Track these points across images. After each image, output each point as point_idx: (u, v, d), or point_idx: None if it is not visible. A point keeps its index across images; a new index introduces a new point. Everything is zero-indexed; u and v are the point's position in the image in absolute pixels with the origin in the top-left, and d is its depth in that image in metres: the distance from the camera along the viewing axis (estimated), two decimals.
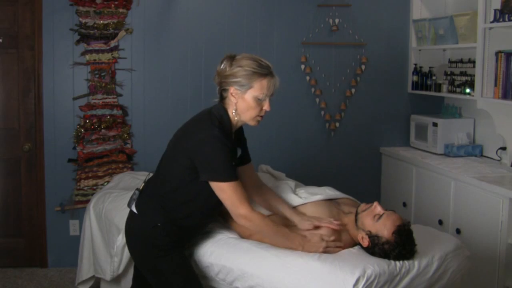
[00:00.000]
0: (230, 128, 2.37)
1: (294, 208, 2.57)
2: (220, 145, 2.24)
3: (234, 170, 2.30)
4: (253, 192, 2.57)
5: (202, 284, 2.43)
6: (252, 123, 2.37)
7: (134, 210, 2.44)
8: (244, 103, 2.31)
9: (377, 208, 2.36)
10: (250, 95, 2.30)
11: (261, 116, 2.35)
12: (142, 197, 2.46)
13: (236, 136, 2.47)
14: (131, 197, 2.48)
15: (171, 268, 2.38)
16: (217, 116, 2.33)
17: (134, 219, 2.46)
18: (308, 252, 2.31)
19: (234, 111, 2.35)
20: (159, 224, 2.37)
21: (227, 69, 2.33)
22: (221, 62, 2.36)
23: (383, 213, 2.33)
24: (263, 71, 2.32)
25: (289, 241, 2.36)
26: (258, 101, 2.31)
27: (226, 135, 2.29)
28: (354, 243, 2.43)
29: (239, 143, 2.52)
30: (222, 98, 2.39)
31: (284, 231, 2.38)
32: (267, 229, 2.35)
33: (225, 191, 2.27)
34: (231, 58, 2.35)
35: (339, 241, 2.39)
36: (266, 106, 2.33)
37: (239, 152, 2.49)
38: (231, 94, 2.33)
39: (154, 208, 2.39)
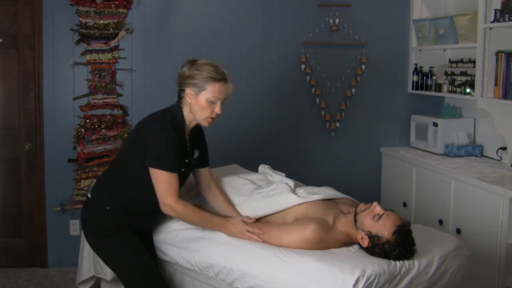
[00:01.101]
0: (183, 126, 2.55)
1: (283, 210, 2.63)
2: (167, 136, 2.43)
3: (176, 163, 2.46)
4: (206, 194, 2.77)
5: (152, 263, 2.56)
6: (204, 123, 2.55)
7: (89, 195, 2.62)
8: (198, 104, 2.50)
9: (377, 208, 2.36)
10: (203, 97, 2.49)
11: (212, 118, 2.53)
12: (97, 184, 2.67)
13: (193, 137, 2.64)
14: (90, 186, 2.70)
15: (119, 246, 2.54)
16: (172, 112, 2.55)
17: (87, 204, 2.66)
18: (229, 234, 2.52)
19: (189, 110, 2.53)
20: (108, 208, 2.54)
21: (187, 71, 2.53)
22: (183, 65, 2.58)
23: (383, 213, 2.33)
24: (218, 76, 2.49)
25: (212, 225, 2.57)
26: (210, 103, 2.49)
27: (177, 130, 2.48)
28: (351, 243, 2.42)
29: (197, 144, 2.68)
30: (180, 98, 2.58)
31: (206, 216, 2.58)
32: (189, 218, 2.54)
33: (160, 180, 2.45)
34: (192, 62, 2.56)
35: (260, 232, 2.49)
36: (217, 109, 2.51)
37: (196, 153, 2.67)
38: (187, 94, 2.52)
39: (105, 194, 2.58)
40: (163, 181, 2.45)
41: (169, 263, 2.71)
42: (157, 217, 2.70)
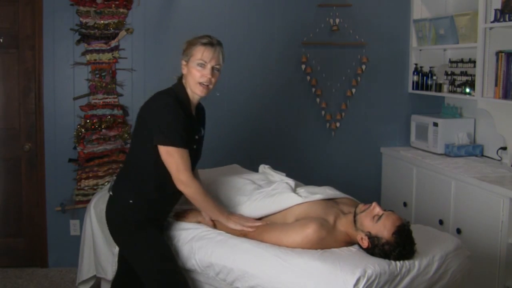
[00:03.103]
0: (188, 101, 2.55)
1: (284, 209, 2.62)
2: (173, 112, 2.43)
3: (185, 138, 2.45)
4: None
5: (176, 261, 2.53)
6: (197, 91, 2.52)
7: (111, 193, 2.60)
8: (189, 72, 2.52)
9: (376, 208, 2.35)
10: (192, 63, 2.51)
11: (203, 84, 2.49)
12: (116, 180, 2.64)
13: (198, 115, 2.66)
14: (109, 183, 2.69)
15: (144, 243, 2.50)
16: (175, 90, 2.55)
17: (110, 201, 2.62)
18: (231, 226, 2.54)
19: (184, 82, 2.55)
20: (131, 201, 2.51)
21: (184, 47, 2.59)
22: None
23: (382, 214, 2.33)
24: (203, 41, 2.53)
25: (219, 212, 2.56)
26: (198, 68, 2.49)
27: (182, 106, 2.49)
28: (351, 243, 2.42)
29: (202, 123, 2.70)
30: (182, 76, 2.60)
31: (215, 203, 2.58)
32: (202, 198, 2.51)
33: (172, 156, 2.42)
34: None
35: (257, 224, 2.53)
36: (205, 72, 2.49)
37: (202, 131, 2.69)
38: (182, 67, 2.56)
39: (125, 187, 2.56)
40: (176, 157, 2.42)
41: None
42: (174, 204, 2.68)
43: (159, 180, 2.51)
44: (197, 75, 2.49)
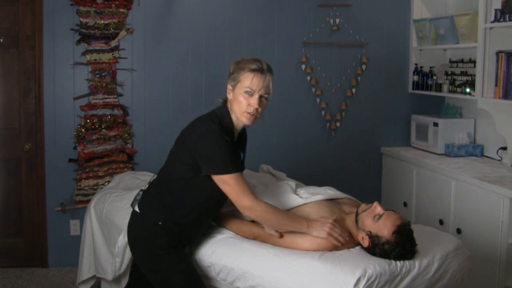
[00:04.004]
0: (232, 128, 2.41)
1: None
2: (219, 139, 2.28)
3: (234, 163, 2.32)
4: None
5: (204, 285, 2.43)
6: (243, 119, 2.37)
7: (137, 209, 2.47)
8: (235, 98, 2.36)
9: (377, 208, 2.36)
10: (239, 90, 2.34)
11: (249, 113, 2.34)
12: (145, 197, 2.50)
13: (239, 140, 2.51)
14: (135, 198, 2.53)
15: (172, 267, 2.40)
16: (218, 114, 2.39)
17: (136, 218, 2.49)
18: (315, 235, 2.32)
19: (229, 107, 2.40)
20: (160, 223, 2.39)
21: (230, 69, 2.42)
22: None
23: (383, 213, 2.33)
24: (252, 67, 2.34)
25: (296, 223, 2.37)
26: (245, 96, 2.33)
27: (226, 132, 2.34)
28: (356, 243, 2.43)
29: (242, 147, 2.56)
30: (227, 100, 2.45)
31: (289, 214, 2.42)
32: (273, 216, 2.35)
33: (228, 183, 2.29)
34: (238, 61, 2.43)
35: (344, 234, 2.37)
36: (252, 101, 2.32)
37: (241, 156, 2.54)
38: (227, 91, 2.40)
39: (156, 207, 2.43)
40: (233, 184, 2.28)
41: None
42: (205, 229, 2.56)
43: (194, 207, 2.41)
44: (244, 104, 2.33)
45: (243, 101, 2.33)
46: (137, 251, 2.50)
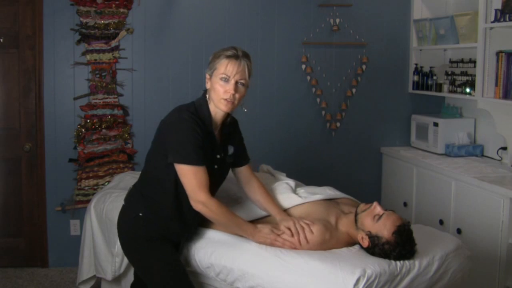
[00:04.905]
0: (209, 117, 2.40)
1: (284, 210, 2.57)
2: (188, 128, 2.30)
3: (201, 156, 2.30)
4: (245, 188, 2.63)
5: (188, 277, 2.43)
6: (221, 106, 2.36)
7: (123, 202, 2.55)
8: (212, 86, 2.37)
9: (377, 208, 2.35)
10: (215, 78, 2.36)
11: (226, 99, 2.33)
12: (130, 189, 2.59)
13: (226, 132, 2.50)
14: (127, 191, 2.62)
15: (154, 258, 2.42)
16: (196, 104, 2.42)
17: (121, 211, 2.56)
18: (257, 242, 2.38)
19: (208, 97, 2.41)
20: (140, 214, 2.44)
21: (209, 60, 2.43)
22: None
23: (383, 213, 2.33)
24: (228, 53, 2.35)
25: (241, 230, 2.41)
26: (221, 83, 2.34)
27: (201, 122, 2.34)
28: (353, 242, 2.42)
29: (231, 140, 2.54)
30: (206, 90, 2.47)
31: (238, 220, 2.42)
32: (222, 217, 2.38)
33: (186, 175, 2.31)
34: None
35: (292, 241, 2.36)
36: (228, 87, 2.32)
37: (231, 150, 2.52)
38: (206, 80, 2.42)
39: (137, 199, 2.49)
40: (190, 176, 2.29)
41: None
42: (191, 222, 2.51)
43: (173, 197, 2.41)
44: (220, 91, 2.33)
45: (219, 88, 2.34)
46: (122, 242, 2.53)
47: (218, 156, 2.44)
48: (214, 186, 2.45)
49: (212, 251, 2.48)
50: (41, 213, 4.10)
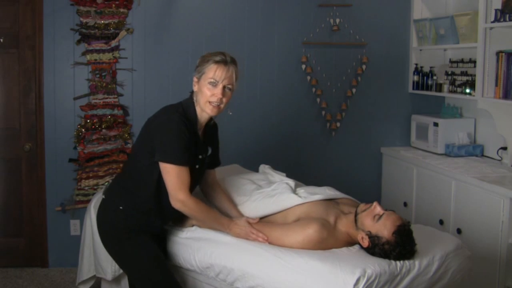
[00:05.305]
0: (195, 119, 2.49)
1: (284, 210, 2.61)
2: (177, 129, 2.38)
3: (186, 156, 2.40)
4: (209, 192, 2.74)
5: (168, 270, 2.50)
6: (207, 110, 2.46)
7: (103, 196, 2.60)
8: (199, 89, 2.46)
9: (377, 208, 2.35)
10: (203, 81, 2.45)
11: (212, 103, 2.43)
12: (111, 184, 2.67)
13: (208, 133, 2.60)
14: (105, 186, 2.70)
15: (133, 252, 2.48)
16: (183, 105, 2.51)
17: (101, 204, 2.63)
18: (234, 235, 2.49)
19: (195, 99, 2.49)
20: (121, 208, 2.50)
21: (197, 63, 2.53)
22: None
23: (383, 213, 2.33)
24: (216, 59, 2.45)
25: (218, 224, 2.52)
26: (209, 87, 2.43)
27: (188, 123, 2.43)
28: (352, 242, 2.42)
29: (211, 142, 2.63)
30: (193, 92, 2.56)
31: (215, 215, 2.54)
32: (199, 214, 2.49)
33: (169, 173, 2.39)
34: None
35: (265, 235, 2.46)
36: (216, 91, 2.42)
37: (209, 151, 2.62)
38: (193, 83, 2.51)
39: (118, 192, 2.56)
40: (173, 175, 2.38)
41: (169, 263, 2.71)
42: (170, 217, 2.62)
43: (155, 193, 2.48)
44: (208, 94, 2.43)
45: (207, 92, 2.43)
46: (102, 236, 2.58)
47: (200, 157, 2.54)
48: (193, 185, 2.54)
49: (212, 251, 2.48)
50: (41, 213, 4.10)
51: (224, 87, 2.44)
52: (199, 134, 2.53)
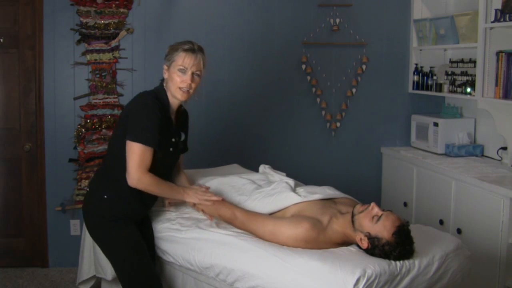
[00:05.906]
0: (167, 104, 2.62)
1: (282, 209, 2.64)
2: (148, 111, 2.49)
3: (155, 138, 2.49)
4: (175, 172, 2.89)
5: (149, 258, 2.57)
6: (177, 95, 2.60)
7: (87, 188, 2.68)
8: (170, 76, 2.60)
9: (375, 209, 2.34)
10: (173, 69, 2.59)
11: (182, 89, 2.57)
12: (94, 176, 2.78)
13: (179, 119, 2.73)
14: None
15: (118, 238, 2.56)
16: (155, 91, 2.65)
17: (86, 196, 2.74)
18: (188, 201, 2.66)
19: (165, 86, 2.63)
20: (105, 196, 2.58)
21: (167, 52, 2.66)
22: None
23: (381, 214, 2.32)
24: (185, 47, 2.58)
25: (174, 192, 2.65)
26: (179, 73, 2.57)
27: (161, 107, 2.55)
28: (348, 242, 2.42)
29: (182, 127, 2.77)
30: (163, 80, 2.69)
31: (169, 185, 2.65)
32: (156, 189, 2.57)
33: (134, 152, 2.47)
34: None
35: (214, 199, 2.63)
36: (186, 78, 2.56)
37: (182, 136, 2.76)
38: (164, 71, 2.65)
39: (101, 183, 2.65)
40: (137, 154, 2.46)
41: (170, 262, 2.71)
42: (152, 203, 2.75)
43: None
44: (178, 81, 2.57)
45: (177, 78, 2.57)
46: (88, 223, 2.65)
47: (173, 140, 2.65)
48: (167, 168, 2.70)
49: (211, 251, 2.48)
50: (41, 213, 4.10)
51: (192, 74, 2.58)
52: (172, 119, 2.65)
